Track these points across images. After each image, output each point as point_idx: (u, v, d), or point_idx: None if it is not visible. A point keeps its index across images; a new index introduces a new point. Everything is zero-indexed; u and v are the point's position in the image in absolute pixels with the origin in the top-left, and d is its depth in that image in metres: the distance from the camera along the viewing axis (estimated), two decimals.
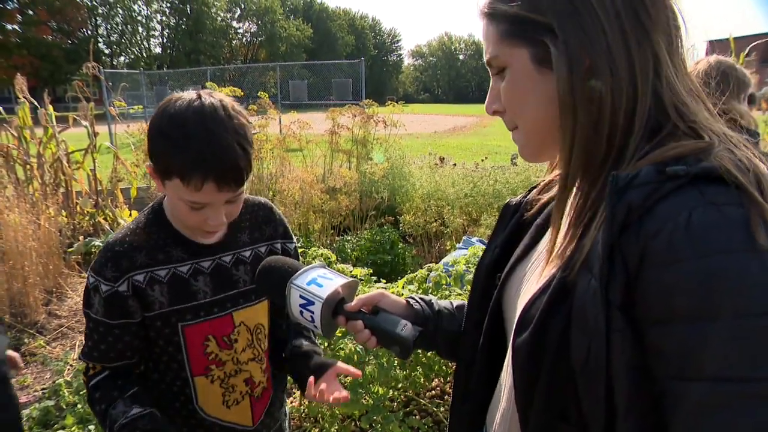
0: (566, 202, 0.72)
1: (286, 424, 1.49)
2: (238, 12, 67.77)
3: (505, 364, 0.82)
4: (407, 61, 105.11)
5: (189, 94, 1.05)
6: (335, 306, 1.00)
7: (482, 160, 7.55)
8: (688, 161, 0.59)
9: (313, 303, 0.97)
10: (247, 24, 68.83)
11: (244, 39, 69.48)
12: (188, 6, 58.52)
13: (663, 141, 0.64)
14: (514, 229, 0.90)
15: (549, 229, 0.77)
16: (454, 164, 6.55)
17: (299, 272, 1.01)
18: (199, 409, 1.24)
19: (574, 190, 0.70)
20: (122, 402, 1.12)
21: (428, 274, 2.76)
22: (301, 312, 0.99)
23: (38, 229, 4.23)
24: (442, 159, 7.52)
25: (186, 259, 1.17)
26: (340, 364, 1.25)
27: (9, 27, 45.75)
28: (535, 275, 0.77)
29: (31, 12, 46.66)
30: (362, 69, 15.65)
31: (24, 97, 5.16)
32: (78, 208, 5.36)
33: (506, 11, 0.70)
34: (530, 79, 0.71)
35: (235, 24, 68.37)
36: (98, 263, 1.13)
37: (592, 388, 0.61)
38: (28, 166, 5.10)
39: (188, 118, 1.01)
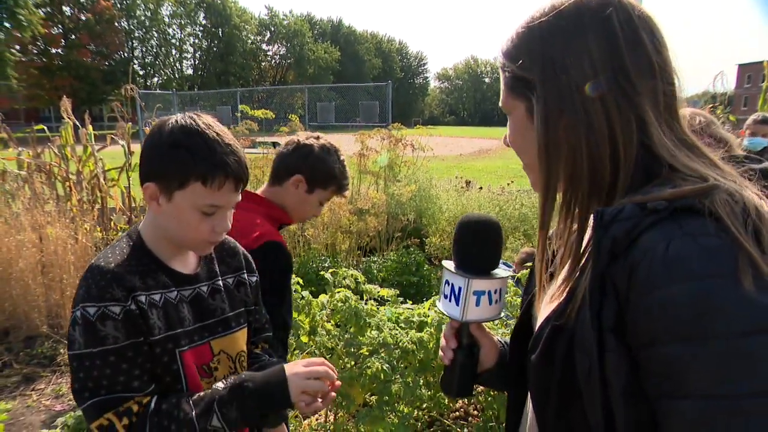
0: (545, 239, 0.81)
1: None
2: (268, 35, 69.49)
3: None
4: (433, 83, 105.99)
5: (179, 115, 1.14)
6: (466, 329, 0.99)
7: (508, 184, 7.58)
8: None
9: (461, 311, 0.93)
10: (276, 46, 70.52)
11: (273, 61, 71.08)
12: (220, 29, 60.22)
13: (661, 184, 0.69)
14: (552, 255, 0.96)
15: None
16: (480, 188, 6.59)
17: (496, 271, 0.95)
18: None
19: (564, 228, 0.78)
20: (185, 400, 1.09)
21: None
22: (467, 297, 0.92)
23: (75, 243, 4.39)
24: (468, 182, 7.57)
25: (171, 286, 1.18)
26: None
27: (53, 51, 47.75)
28: (547, 300, 0.84)
29: (73, 36, 48.62)
30: (389, 91, 15.84)
31: (68, 117, 5.39)
32: (112, 224, 5.54)
33: (508, 67, 0.80)
34: (524, 126, 0.81)
35: (264, 47, 70.11)
36: (96, 289, 1.05)
37: (592, 405, 0.66)
38: (67, 183, 5.31)
39: (200, 129, 1.10)
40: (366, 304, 3.01)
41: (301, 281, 2.83)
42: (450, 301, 0.95)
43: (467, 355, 0.99)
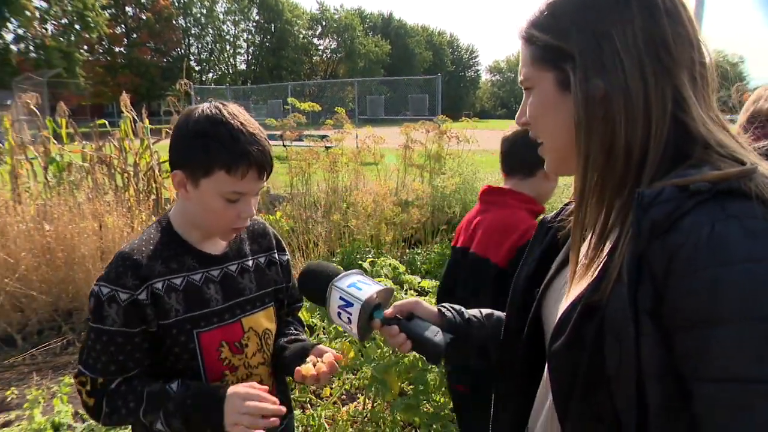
0: (584, 218, 0.77)
1: (292, 424, 1.54)
2: (319, 29, 70.17)
3: (545, 368, 0.87)
4: (485, 76, 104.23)
5: (206, 105, 1.19)
6: (372, 310, 1.07)
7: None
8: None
9: (352, 305, 1.05)
10: (327, 41, 71.13)
11: (324, 55, 71.76)
12: (273, 25, 61.29)
13: (697, 165, 0.68)
14: (550, 245, 0.95)
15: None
16: None
17: (340, 276, 1.10)
18: None
19: (596, 207, 0.76)
20: (156, 382, 1.16)
21: None
22: (339, 314, 1.07)
23: (132, 231, 4.61)
24: None
25: (197, 268, 1.25)
26: (320, 346, 1.31)
27: (116, 49, 50.02)
28: (568, 287, 0.83)
29: (135, 35, 50.73)
30: (439, 84, 15.78)
31: (128, 112, 5.66)
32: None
33: (538, 38, 0.78)
34: (552, 100, 0.79)
35: (316, 41, 70.83)
36: (114, 273, 1.15)
37: (624, 391, 0.65)
38: (125, 175, 5.58)
39: (225, 119, 1.14)
40: (406, 294, 3.04)
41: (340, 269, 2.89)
42: (347, 308, 1.06)
43: (404, 324, 1.05)
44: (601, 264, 0.72)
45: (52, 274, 4.35)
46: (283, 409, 1.10)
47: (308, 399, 2.89)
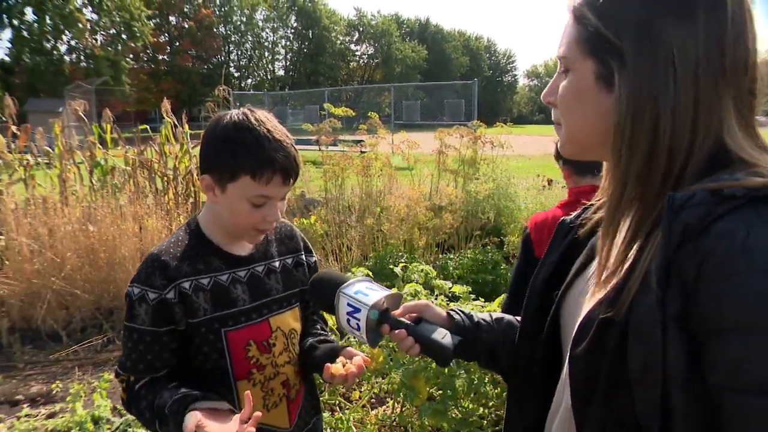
0: (618, 222, 0.75)
1: (321, 425, 1.55)
2: (357, 35, 70.73)
3: (563, 374, 0.86)
4: (522, 81, 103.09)
5: (235, 111, 1.22)
6: (380, 314, 1.07)
7: None
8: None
9: (359, 310, 1.06)
10: (364, 46, 71.64)
11: (361, 61, 72.24)
12: (310, 31, 62.09)
13: (731, 171, 0.66)
14: (569, 247, 0.93)
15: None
16: (563, 186, 6.38)
17: (348, 283, 1.11)
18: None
19: (629, 214, 0.74)
20: (167, 391, 1.17)
21: None
22: (348, 320, 1.08)
23: (169, 234, 4.73)
24: (549, 181, 7.35)
25: (224, 269, 1.28)
26: (350, 348, 1.33)
27: (160, 57, 51.71)
28: (591, 290, 0.81)
29: (177, 43, 52.31)
30: (475, 89, 15.69)
31: (169, 117, 5.84)
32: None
33: (589, 21, 0.73)
34: (587, 90, 0.76)
35: (353, 47, 71.41)
36: (144, 274, 1.21)
37: (648, 396, 0.64)
38: (165, 178, 5.75)
39: (252, 125, 1.18)
40: (436, 299, 3.04)
41: (371, 274, 2.91)
42: (355, 314, 1.07)
43: (412, 327, 1.05)
44: (627, 268, 0.70)
45: (95, 273, 4.52)
46: None
47: (337, 402, 2.91)
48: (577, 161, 1.97)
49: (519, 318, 1.02)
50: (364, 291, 1.09)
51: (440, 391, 2.58)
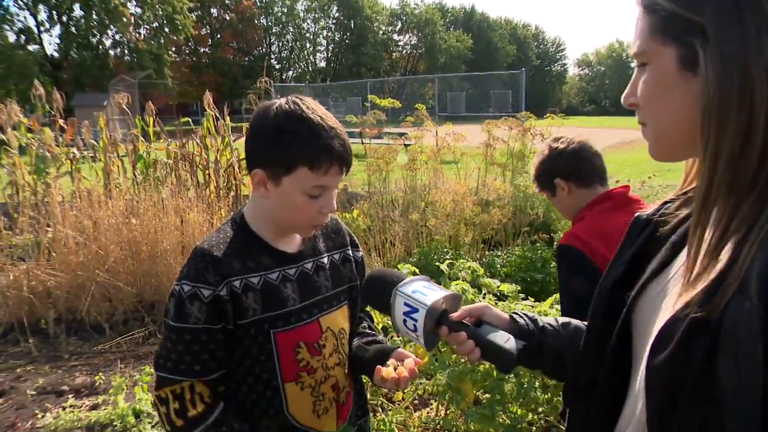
0: (707, 218, 0.69)
1: (369, 426, 1.53)
2: (399, 25, 70.62)
3: (637, 386, 0.79)
4: (572, 70, 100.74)
5: (282, 100, 1.18)
6: (438, 316, 1.03)
7: (649, 178, 7.01)
8: None
9: (417, 310, 1.02)
10: (407, 36, 71.47)
11: (404, 51, 72.13)
12: (352, 21, 62.40)
13: None
14: (644, 245, 0.87)
15: (686, 247, 0.74)
16: (617, 181, 6.17)
17: (405, 281, 1.08)
18: (290, 417, 1.27)
19: (721, 207, 0.68)
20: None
21: None
22: (405, 321, 1.04)
23: (211, 227, 4.82)
24: None
25: (274, 267, 1.24)
26: (401, 349, 1.29)
27: (201, 50, 53.06)
28: (672, 294, 0.74)
29: (219, 36, 53.53)
30: (523, 80, 15.41)
31: (210, 110, 5.95)
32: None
33: (662, 6, 0.70)
34: (671, 80, 0.71)
35: (396, 37, 71.36)
36: (195, 270, 1.15)
37: (743, 418, 0.58)
38: (207, 171, 5.86)
39: (305, 114, 1.14)
40: (484, 298, 2.97)
41: (417, 271, 2.87)
42: (412, 314, 1.04)
43: (473, 330, 1.02)
44: (717, 272, 0.64)
45: (137, 267, 4.65)
46: None
47: (380, 402, 2.89)
48: (577, 171, 2.00)
49: (586, 323, 0.96)
50: (422, 290, 1.05)
51: (487, 395, 2.53)
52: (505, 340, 0.98)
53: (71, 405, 3.30)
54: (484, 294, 2.96)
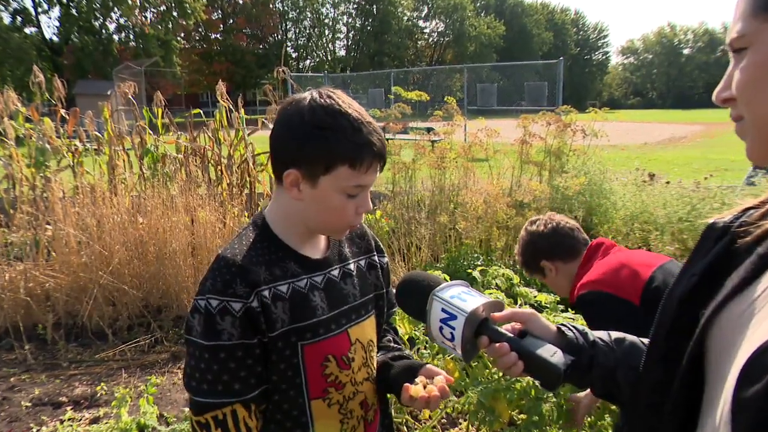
0: None
1: None
2: (425, 10, 70.52)
3: (717, 417, 0.75)
4: (615, 59, 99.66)
5: (313, 93, 1.16)
6: (479, 324, 1.01)
7: (705, 178, 6.89)
8: None
9: (455, 317, 1.00)
10: (434, 23, 71.38)
11: (430, 39, 72.07)
12: (375, 6, 62.48)
13: None
14: (720, 256, 0.83)
15: None
16: (668, 182, 6.06)
17: (442, 286, 1.06)
18: None
19: None
20: None
21: None
22: (441, 328, 1.02)
23: (223, 227, 4.86)
24: (652, 176, 7.00)
25: (301, 274, 1.22)
26: (430, 365, 1.26)
27: (212, 36, 53.59)
28: (762, 314, 0.70)
29: (231, 21, 54.03)
30: (560, 70, 15.24)
31: (223, 101, 5.99)
32: (258, 210, 6.05)
33: None
34: None
35: (421, 23, 71.33)
36: (221, 282, 1.13)
37: None
38: (219, 167, 5.90)
39: (343, 108, 1.13)
40: (520, 309, 2.94)
41: (448, 278, 2.85)
42: (450, 321, 1.03)
43: (516, 342, 1.00)
44: None
45: (144, 268, 4.70)
46: None
47: (404, 421, 2.87)
48: (560, 248, 2.18)
49: (645, 340, 0.93)
50: (461, 296, 1.04)
51: (523, 416, 2.49)
52: (552, 353, 0.96)
53: (70, 418, 3.33)
54: (520, 305, 2.92)
